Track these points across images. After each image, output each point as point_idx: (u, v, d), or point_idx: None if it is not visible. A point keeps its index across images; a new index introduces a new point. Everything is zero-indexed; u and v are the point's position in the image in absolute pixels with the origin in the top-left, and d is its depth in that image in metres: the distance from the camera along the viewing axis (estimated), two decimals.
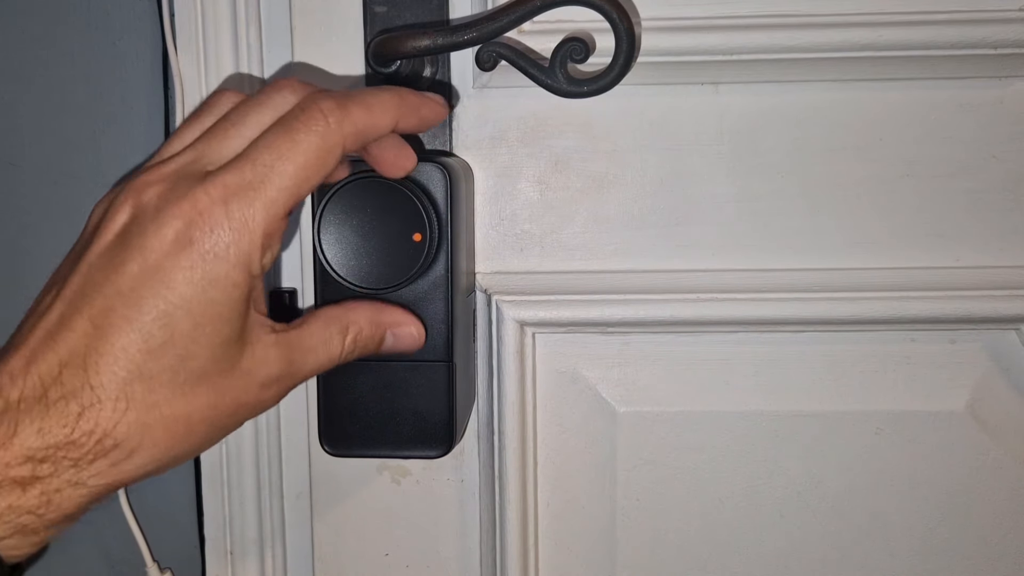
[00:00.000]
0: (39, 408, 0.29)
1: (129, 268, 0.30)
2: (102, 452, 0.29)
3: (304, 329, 0.35)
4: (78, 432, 0.29)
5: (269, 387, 0.33)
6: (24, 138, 0.51)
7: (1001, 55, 0.44)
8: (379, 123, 0.33)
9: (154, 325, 0.29)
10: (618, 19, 0.38)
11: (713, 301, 0.47)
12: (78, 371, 0.29)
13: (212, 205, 0.30)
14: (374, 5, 0.45)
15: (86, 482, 0.30)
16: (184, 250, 0.30)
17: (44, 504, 0.29)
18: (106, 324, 0.29)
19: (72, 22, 0.50)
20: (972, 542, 0.49)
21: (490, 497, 0.49)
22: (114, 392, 0.29)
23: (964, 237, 0.47)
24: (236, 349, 0.32)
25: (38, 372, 0.29)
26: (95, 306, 0.30)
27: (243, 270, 0.31)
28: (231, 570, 0.52)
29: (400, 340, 0.39)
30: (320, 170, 0.32)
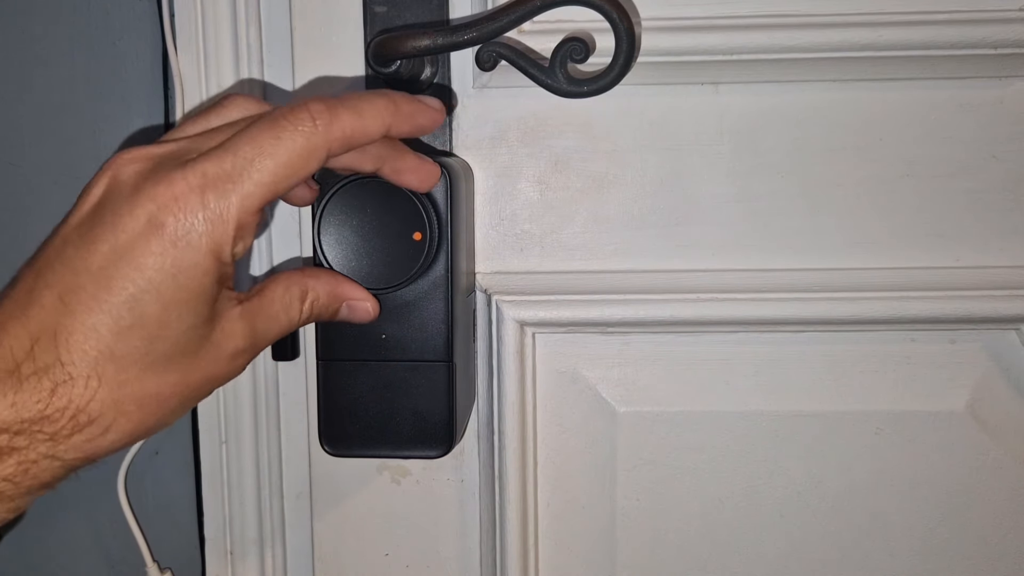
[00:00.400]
0: (12, 381, 0.29)
1: (100, 247, 0.30)
2: (77, 428, 0.30)
3: (265, 296, 0.35)
4: (52, 408, 0.29)
5: (236, 358, 0.34)
6: (24, 138, 0.51)
7: (1001, 55, 0.44)
8: (369, 129, 0.33)
9: (123, 307, 0.29)
10: (618, 19, 0.38)
11: (713, 301, 0.47)
12: (49, 346, 0.29)
13: (188, 192, 0.30)
14: (374, 5, 0.45)
15: (62, 456, 0.30)
16: (156, 234, 0.30)
17: (21, 473, 0.29)
18: (75, 302, 0.29)
19: (72, 22, 0.50)
20: (972, 542, 0.49)
21: (490, 497, 0.49)
22: (85, 370, 0.29)
23: (964, 237, 0.47)
24: (205, 328, 0.32)
25: (9, 344, 0.29)
26: (65, 282, 0.30)
27: (214, 259, 0.31)
28: (231, 570, 0.52)
29: (354, 312, 0.39)
30: (301, 170, 0.31)
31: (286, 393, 0.51)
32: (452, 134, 0.47)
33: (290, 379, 0.51)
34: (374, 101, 0.33)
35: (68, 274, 0.30)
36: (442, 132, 0.46)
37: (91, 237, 0.30)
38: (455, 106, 0.47)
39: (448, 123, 0.47)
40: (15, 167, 0.52)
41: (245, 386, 0.50)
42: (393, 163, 0.37)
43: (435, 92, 0.46)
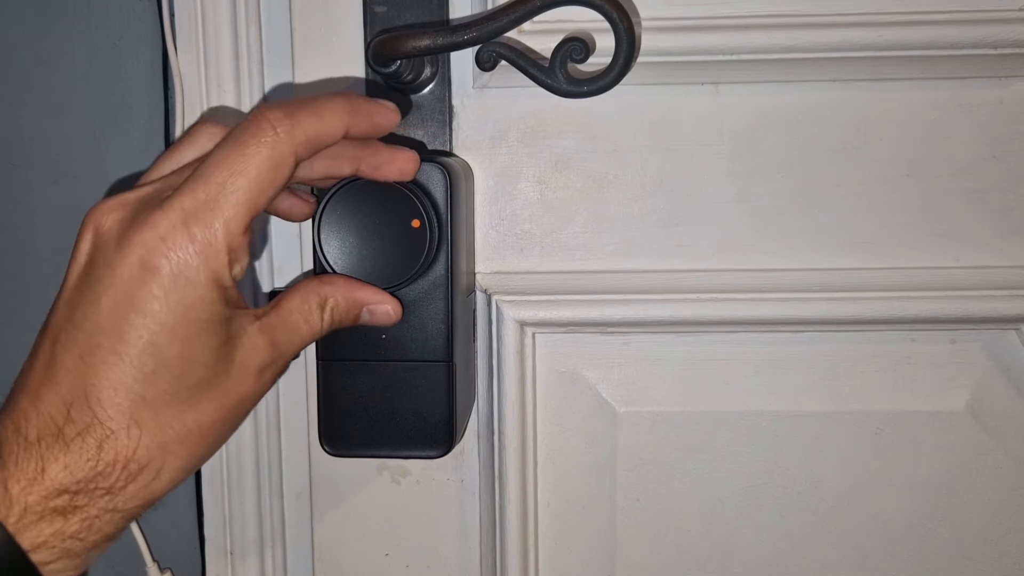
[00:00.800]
0: (59, 445, 0.30)
1: (104, 302, 0.30)
2: (131, 477, 0.31)
3: (284, 308, 0.35)
4: (102, 464, 0.30)
5: (263, 373, 0.34)
6: (24, 138, 0.51)
7: (1001, 55, 0.44)
8: (329, 128, 0.33)
9: (143, 355, 0.30)
10: (618, 19, 0.38)
11: (713, 301, 0.47)
12: (83, 408, 0.30)
13: (172, 229, 0.30)
14: (374, 5, 0.45)
15: (122, 507, 0.31)
16: (153, 278, 0.30)
17: (86, 529, 0.30)
18: (96, 360, 0.30)
19: (72, 22, 0.50)
20: (972, 542, 0.49)
21: (490, 497, 0.49)
22: (124, 421, 0.30)
23: (964, 237, 0.47)
24: (227, 350, 0.32)
25: (47, 411, 0.30)
26: (81, 344, 0.30)
27: (214, 287, 0.31)
28: (231, 570, 0.52)
29: (376, 316, 0.39)
30: (275, 180, 0.32)
31: (286, 393, 0.51)
32: (452, 134, 0.47)
33: (290, 379, 0.51)
34: (331, 101, 0.33)
35: (82, 335, 0.30)
36: (442, 132, 0.46)
37: (93, 296, 0.31)
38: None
39: (448, 123, 0.47)
40: (15, 167, 0.52)
41: None
42: (369, 160, 0.37)
43: (433, 91, 0.46)
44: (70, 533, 0.30)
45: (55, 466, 0.29)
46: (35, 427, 0.30)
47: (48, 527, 0.29)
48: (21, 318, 0.54)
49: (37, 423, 0.30)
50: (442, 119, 0.46)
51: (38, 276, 0.53)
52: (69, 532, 0.30)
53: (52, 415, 0.30)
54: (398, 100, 0.46)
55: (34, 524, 0.29)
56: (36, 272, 0.53)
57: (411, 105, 0.46)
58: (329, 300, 0.37)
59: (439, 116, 0.46)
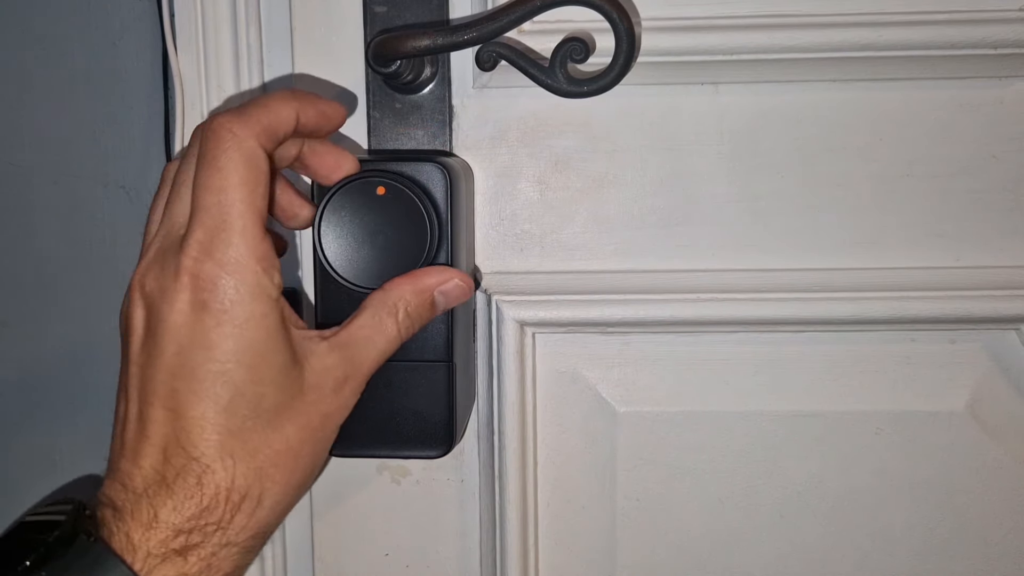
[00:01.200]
0: (164, 490, 0.32)
1: (168, 350, 0.32)
2: (235, 508, 0.32)
3: (354, 324, 0.36)
4: (206, 498, 0.32)
5: (341, 389, 0.35)
6: (24, 138, 0.51)
7: (1001, 55, 0.44)
8: (281, 115, 0.34)
9: (216, 387, 0.32)
10: (618, 19, 0.38)
11: (713, 301, 0.47)
12: (178, 451, 0.32)
13: (199, 265, 0.32)
14: (374, 5, 0.45)
15: (234, 540, 0.33)
16: (204, 313, 0.32)
17: (205, 568, 0.32)
18: (178, 405, 0.32)
19: (72, 22, 0.50)
20: (972, 542, 0.49)
21: (490, 497, 0.49)
22: (216, 454, 0.32)
23: (964, 237, 0.47)
24: (297, 371, 0.34)
25: (148, 463, 0.32)
26: (160, 395, 0.32)
27: (262, 300, 0.32)
28: None
29: (450, 295, 0.39)
30: (258, 176, 0.33)
31: None
32: (452, 134, 0.47)
33: None
34: (275, 93, 0.35)
35: (159, 387, 0.32)
36: (442, 132, 0.46)
37: (158, 351, 0.32)
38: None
39: (448, 123, 0.47)
40: (15, 167, 0.52)
41: None
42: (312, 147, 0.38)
43: (433, 91, 0.46)
44: (192, 573, 0.31)
45: (164, 510, 0.31)
46: (140, 480, 0.32)
47: (172, 568, 0.31)
48: (21, 318, 0.54)
49: (141, 476, 0.32)
50: (442, 119, 0.46)
51: (38, 276, 0.53)
52: (191, 572, 0.31)
53: (153, 465, 0.32)
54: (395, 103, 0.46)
55: (158, 567, 0.31)
56: (36, 272, 0.53)
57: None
58: (399, 303, 0.37)
59: (439, 116, 0.46)
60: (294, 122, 0.35)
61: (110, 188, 0.52)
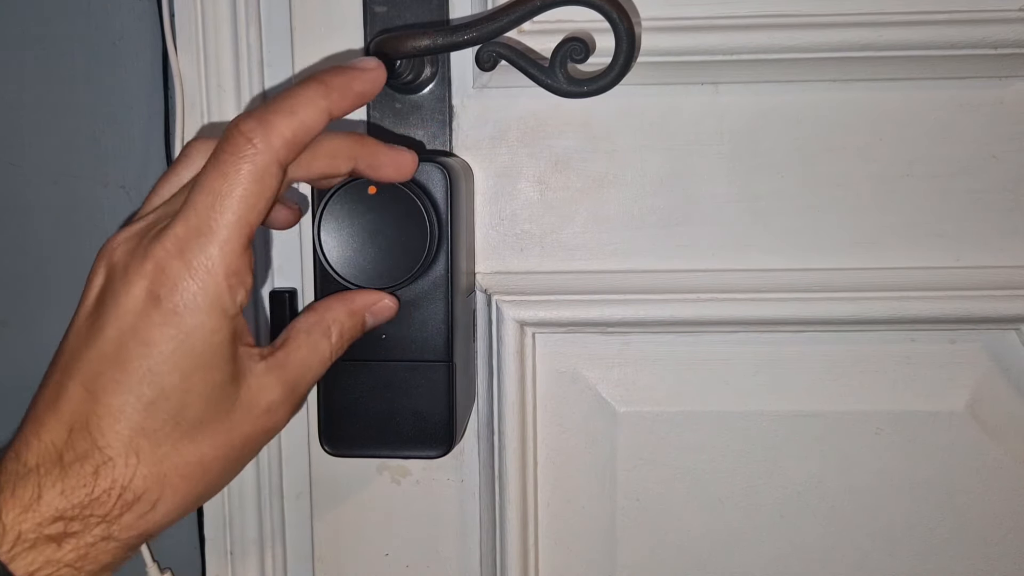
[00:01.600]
0: (57, 471, 0.30)
1: (108, 332, 0.31)
2: (126, 506, 0.31)
3: (290, 345, 0.35)
4: (98, 490, 0.30)
5: (275, 412, 0.34)
6: (24, 138, 0.51)
7: (1001, 55, 0.44)
8: (308, 122, 0.32)
9: (143, 384, 0.30)
10: (618, 19, 0.38)
11: (713, 301, 0.47)
12: (84, 434, 0.30)
13: (170, 259, 0.30)
14: (374, 5, 0.45)
15: (116, 536, 0.31)
16: (155, 308, 0.30)
17: (81, 558, 0.30)
18: (98, 388, 0.30)
19: (72, 22, 0.50)
20: (972, 542, 0.49)
21: (490, 497, 0.49)
22: (122, 449, 0.30)
23: (964, 237, 0.47)
24: (232, 388, 0.32)
25: (49, 438, 0.30)
26: (84, 372, 0.31)
27: (217, 315, 0.31)
28: (231, 570, 0.52)
29: (378, 316, 0.39)
30: (262, 193, 0.31)
31: None
32: (452, 134, 0.47)
33: None
34: (304, 93, 0.32)
35: (86, 364, 0.31)
36: (442, 132, 0.46)
37: (99, 326, 0.31)
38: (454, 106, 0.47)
39: (448, 123, 0.47)
40: (15, 167, 0.52)
41: None
42: (367, 160, 0.36)
43: (433, 91, 0.46)
44: (65, 561, 0.30)
45: (51, 492, 0.29)
46: (35, 453, 0.30)
47: (41, 555, 0.29)
48: (21, 318, 0.54)
49: (38, 449, 0.30)
50: (442, 119, 0.46)
51: (38, 276, 0.53)
52: (64, 560, 0.30)
53: (53, 441, 0.30)
54: (400, 100, 0.46)
55: (27, 551, 0.29)
56: (36, 272, 0.53)
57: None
58: (333, 325, 0.36)
59: (439, 116, 0.46)
60: (323, 124, 0.33)
61: (110, 188, 0.52)
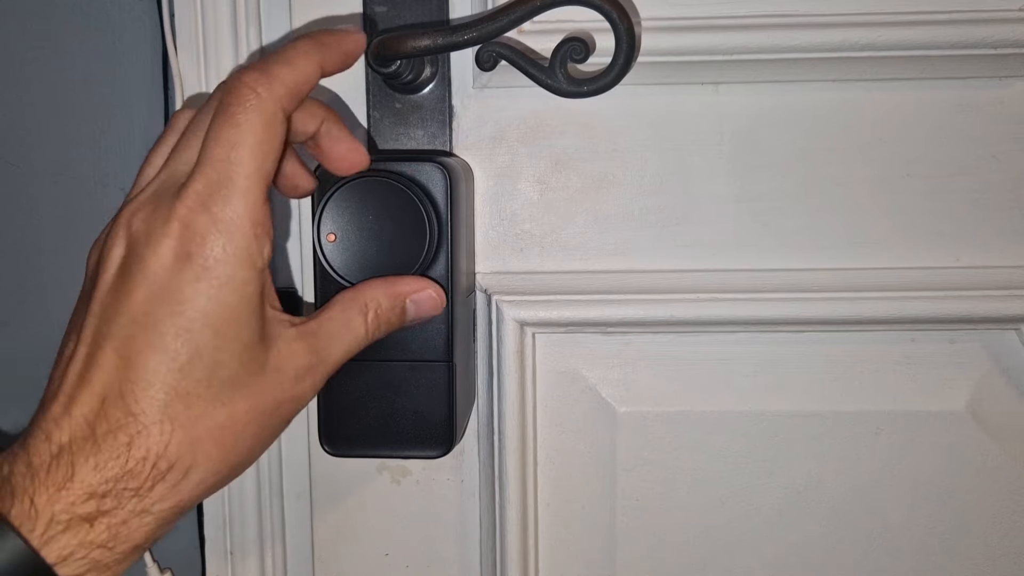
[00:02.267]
0: (90, 445, 0.29)
1: (137, 295, 0.30)
2: (159, 476, 0.30)
3: (323, 316, 0.35)
4: (132, 461, 0.29)
5: (302, 379, 0.34)
6: (24, 138, 0.51)
7: (1001, 55, 0.44)
8: (306, 72, 0.33)
9: (176, 343, 0.30)
10: (618, 19, 0.38)
11: (713, 301, 0.47)
12: (117, 402, 0.30)
13: (195, 215, 0.30)
14: (374, 5, 0.45)
15: (150, 509, 0.30)
16: (186, 264, 0.30)
17: (113, 537, 0.29)
18: (131, 353, 0.30)
19: (72, 22, 0.50)
20: (972, 542, 0.49)
21: (490, 497, 0.49)
22: (156, 415, 0.30)
23: (964, 237, 0.47)
24: (261, 349, 0.32)
25: (80, 412, 0.30)
26: (116, 338, 0.30)
27: (247, 266, 0.31)
28: (231, 570, 0.52)
29: (421, 306, 0.38)
30: (274, 140, 0.32)
31: None
32: (452, 134, 0.47)
33: None
34: (299, 46, 0.33)
35: (117, 329, 0.30)
36: (442, 132, 0.46)
37: (126, 291, 0.30)
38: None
39: (448, 123, 0.47)
40: (15, 167, 0.52)
41: None
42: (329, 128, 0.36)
43: (433, 91, 0.46)
44: (98, 542, 0.29)
45: (85, 468, 0.29)
46: (67, 430, 0.29)
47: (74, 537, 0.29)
48: (21, 318, 0.54)
49: (69, 425, 0.30)
50: (442, 119, 0.46)
51: (38, 276, 0.53)
52: (97, 541, 0.29)
53: (85, 415, 0.30)
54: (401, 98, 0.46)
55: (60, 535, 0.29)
56: (36, 272, 0.53)
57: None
58: (370, 303, 0.36)
59: (439, 116, 0.46)
60: (319, 76, 0.34)
61: (110, 188, 0.52)
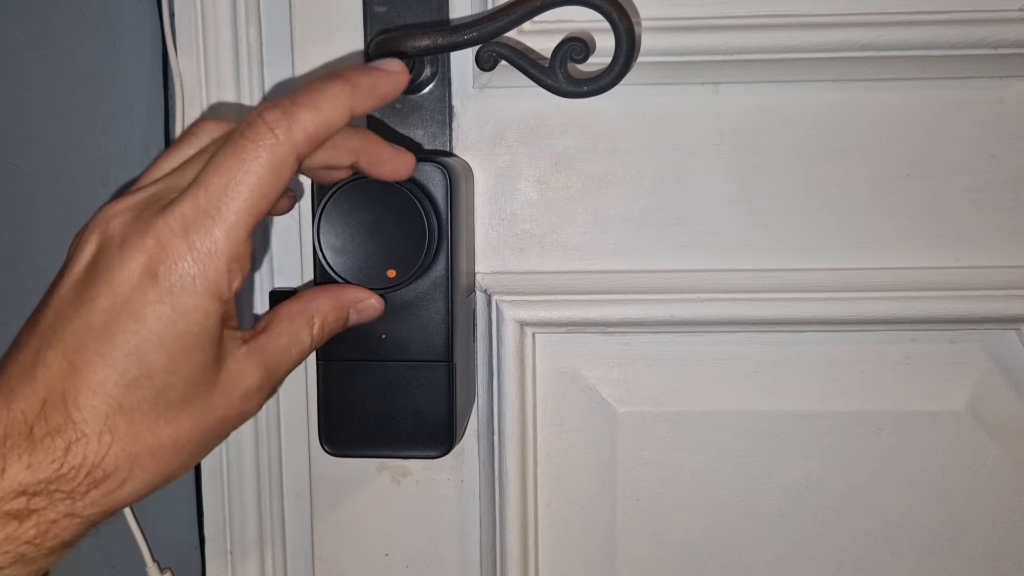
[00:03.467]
0: (26, 444, 0.29)
1: (99, 303, 0.30)
2: (94, 483, 0.30)
3: (272, 331, 0.35)
4: (67, 467, 0.29)
5: (249, 398, 0.33)
6: (24, 138, 0.51)
7: (1001, 55, 0.44)
8: (331, 120, 0.32)
9: (128, 360, 0.30)
10: (618, 19, 0.38)
11: (713, 301, 0.47)
12: (59, 407, 0.29)
13: (173, 237, 0.30)
14: (374, 5, 0.45)
15: (81, 512, 0.30)
16: (151, 284, 0.30)
17: (42, 535, 0.29)
18: (80, 361, 0.29)
19: (72, 22, 0.50)
20: (972, 542, 0.49)
21: (490, 497, 0.49)
22: (97, 426, 0.29)
23: (964, 237, 0.47)
24: (212, 370, 0.32)
25: (20, 408, 0.29)
26: (68, 343, 0.30)
27: (213, 298, 0.30)
28: (231, 570, 0.52)
29: (363, 314, 0.39)
30: (276, 185, 0.31)
31: (286, 393, 0.51)
32: (452, 134, 0.47)
33: (290, 379, 0.51)
34: (329, 89, 0.32)
35: (70, 334, 0.30)
36: (442, 132, 0.46)
37: (88, 295, 0.30)
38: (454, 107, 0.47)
39: (448, 123, 0.47)
40: (15, 167, 0.52)
41: None
42: (368, 156, 0.36)
43: (433, 91, 0.46)
44: (25, 538, 0.29)
45: (17, 465, 0.29)
46: (4, 425, 0.29)
47: (1, 532, 0.29)
48: (21, 318, 0.54)
49: (7, 420, 0.29)
50: (442, 119, 0.46)
51: (38, 276, 0.53)
52: (24, 537, 0.29)
53: (25, 412, 0.29)
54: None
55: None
56: (36, 272, 0.53)
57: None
58: (316, 316, 0.36)
59: (439, 116, 0.46)
60: (344, 123, 0.33)
61: (110, 188, 0.52)
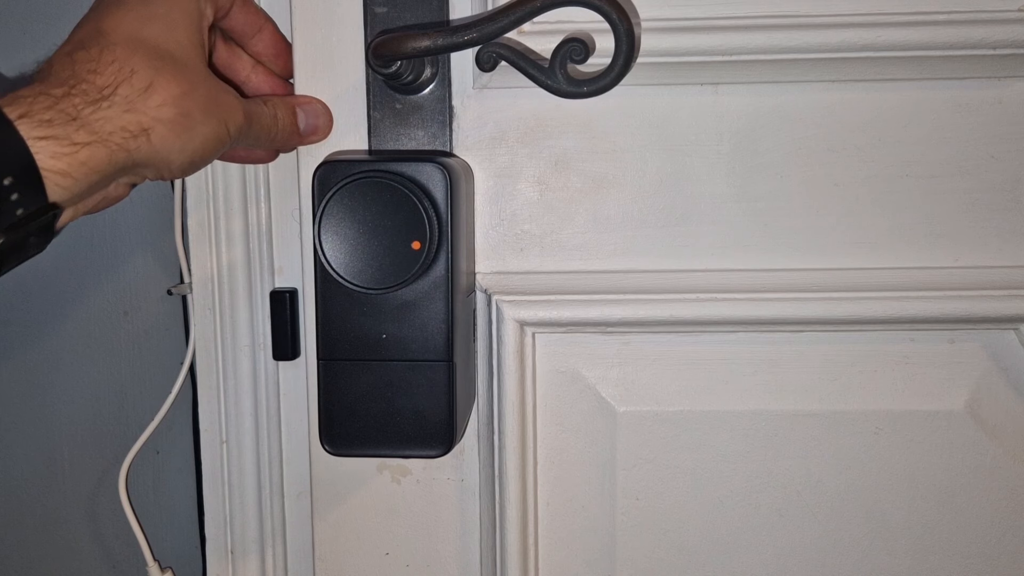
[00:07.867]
0: (67, 59, 0.36)
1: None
2: (123, 78, 0.36)
3: (261, 99, 0.43)
4: (102, 64, 0.36)
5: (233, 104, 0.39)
6: None
7: (1001, 55, 0.44)
8: None
9: (139, 5, 0.38)
10: (618, 20, 0.38)
11: (713, 301, 0.47)
12: (95, 35, 0.37)
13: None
14: (374, 5, 0.45)
15: (108, 115, 0.35)
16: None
17: (72, 107, 0.34)
18: (104, 13, 0.38)
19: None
20: (971, 541, 0.49)
21: (490, 497, 0.49)
22: (123, 39, 0.37)
23: (963, 237, 0.47)
24: (200, 51, 0.39)
25: (69, 41, 0.38)
26: (95, 9, 0.39)
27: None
28: (232, 569, 0.52)
29: (309, 115, 0.45)
30: None
31: (286, 393, 0.51)
32: (452, 134, 0.47)
33: (290, 379, 0.51)
34: None
35: (101, 6, 0.39)
36: (442, 132, 0.46)
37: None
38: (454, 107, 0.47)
39: (448, 123, 0.47)
40: None
41: (245, 386, 0.50)
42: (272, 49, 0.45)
43: (433, 92, 0.46)
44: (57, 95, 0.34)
45: (60, 64, 0.36)
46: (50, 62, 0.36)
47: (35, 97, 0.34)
48: (21, 317, 0.54)
49: (58, 60, 0.36)
50: (442, 119, 0.46)
51: (38, 276, 0.53)
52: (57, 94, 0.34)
53: (72, 50, 0.36)
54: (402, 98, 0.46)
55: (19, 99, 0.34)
56: (36, 272, 0.53)
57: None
58: (270, 100, 0.43)
59: (439, 116, 0.46)
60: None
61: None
